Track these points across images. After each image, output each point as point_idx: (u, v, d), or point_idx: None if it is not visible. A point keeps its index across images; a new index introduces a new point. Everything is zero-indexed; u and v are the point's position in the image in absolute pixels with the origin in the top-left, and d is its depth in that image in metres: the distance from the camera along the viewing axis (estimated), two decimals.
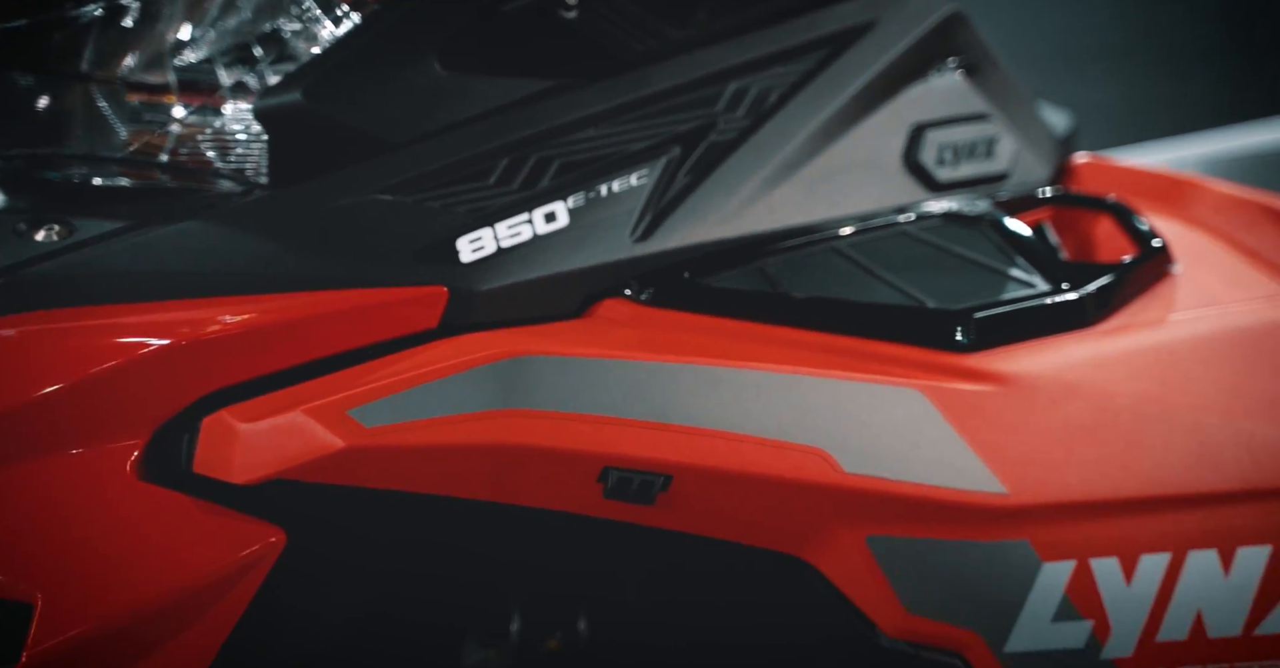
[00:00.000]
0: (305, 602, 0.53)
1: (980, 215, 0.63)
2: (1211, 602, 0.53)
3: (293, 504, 0.49)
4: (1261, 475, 0.55)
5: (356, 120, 0.54)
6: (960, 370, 0.55)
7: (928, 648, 0.53)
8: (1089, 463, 0.55)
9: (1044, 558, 0.53)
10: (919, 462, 0.53)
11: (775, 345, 0.55)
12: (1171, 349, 0.58)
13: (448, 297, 0.53)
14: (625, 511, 0.52)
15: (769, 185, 0.59)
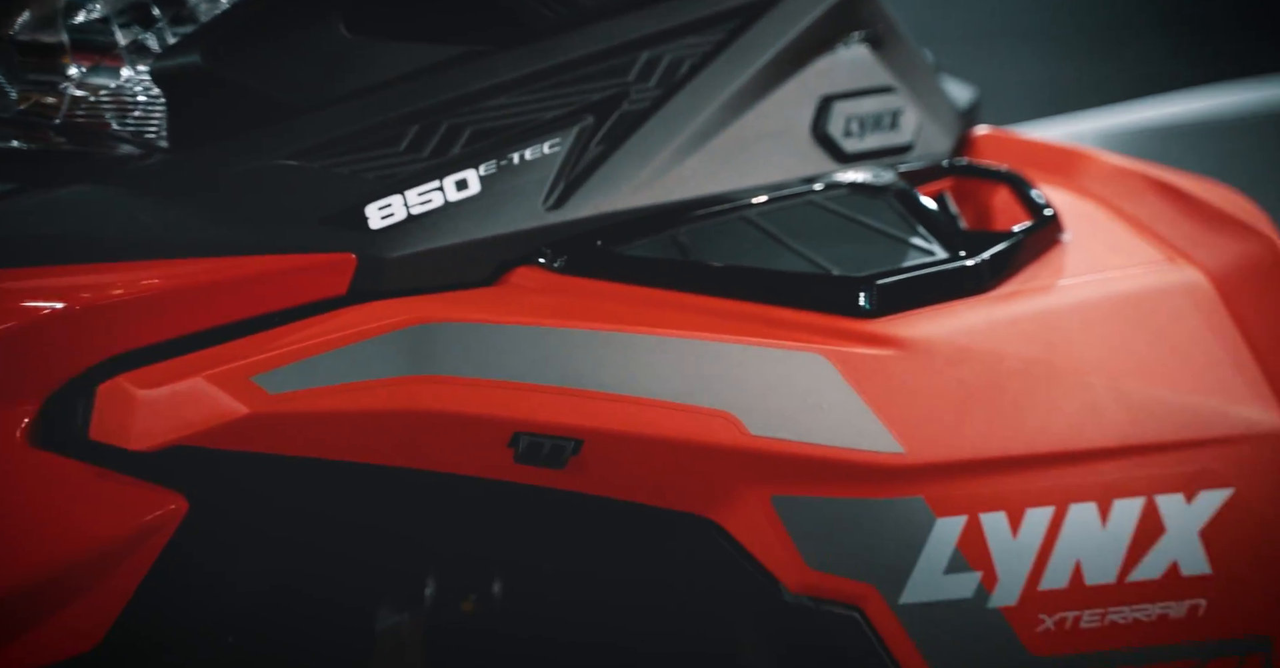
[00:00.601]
0: (212, 569, 0.49)
1: (885, 186, 0.60)
2: (1090, 552, 0.52)
3: (195, 471, 0.46)
4: (1138, 432, 0.53)
5: (258, 84, 0.50)
6: (863, 335, 0.53)
7: (828, 602, 0.51)
8: (980, 423, 0.53)
9: (937, 514, 0.51)
10: (822, 424, 0.51)
11: (685, 312, 0.53)
12: (1059, 314, 0.56)
13: (356, 264, 0.50)
14: (537, 475, 0.49)
15: (681, 155, 0.56)
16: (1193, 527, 0.53)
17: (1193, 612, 0.52)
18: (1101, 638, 0.52)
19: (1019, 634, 0.51)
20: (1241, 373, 0.56)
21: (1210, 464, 0.53)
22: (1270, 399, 0.55)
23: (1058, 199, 0.64)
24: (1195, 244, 0.60)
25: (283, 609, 0.53)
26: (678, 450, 0.50)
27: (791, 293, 0.54)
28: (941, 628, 0.51)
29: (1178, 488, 0.53)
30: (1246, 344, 0.56)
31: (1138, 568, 0.52)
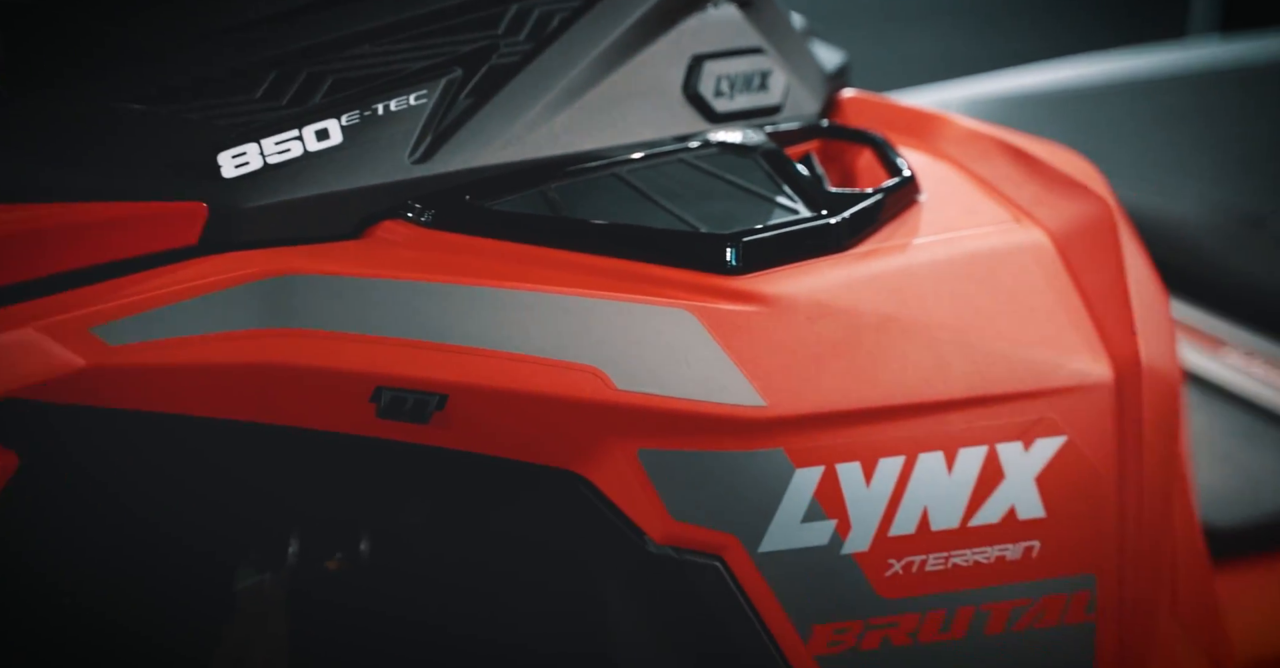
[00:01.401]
0: (50, 528, 0.44)
1: (753, 146, 0.56)
2: (936, 498, 0.49)
3: (27, 427, 0.40)
4: (982, 384, 0.50)
5: (102, 21, 0.42)
6: (728, 292, 0.49)
7: (691, 552, 0.47)
8: (838, 377, 0.49)
9: (796, 465, 0.48)
10: (687, 378, 0.47)
11: (554, 268, 0.47)
12: (913, 272, 0.53)
13: (208, 213, 0.43)
14: (400, 430, 0.44)
15: (552, 111, 0.50)
16: (1029, 473, 0.51)
17: (1027, 553, 0.50)
18: (945, 580, 0.49)
19: (869, 579, 0.49)
20: (1077, 328, 0.53)
21: (1047, 413, 0.51)
22: (1101, 352, 0.53)
23: (916, 161, 0.61)
24: (1039, 204, 0.57)
25: (133, 571, 0.48)
26: (544, 405, 0.45)
27: (659, 249, 0.49)
28: (797, 575, 0.48)
29: (1017, 436, 0.51)
30: (1082, 300, 0.54)
31: (979, 513, 0.50)
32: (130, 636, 0.48)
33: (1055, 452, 0.51)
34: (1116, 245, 0.55)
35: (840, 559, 0.48)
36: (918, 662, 0.49)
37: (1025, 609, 0.50)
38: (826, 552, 0.48)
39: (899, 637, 0.49)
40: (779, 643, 0.48)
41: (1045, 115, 0.92)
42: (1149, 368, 0.52)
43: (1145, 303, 0.54)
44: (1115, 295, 0.54)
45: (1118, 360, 0.52)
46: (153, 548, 0.48)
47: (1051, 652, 0.50)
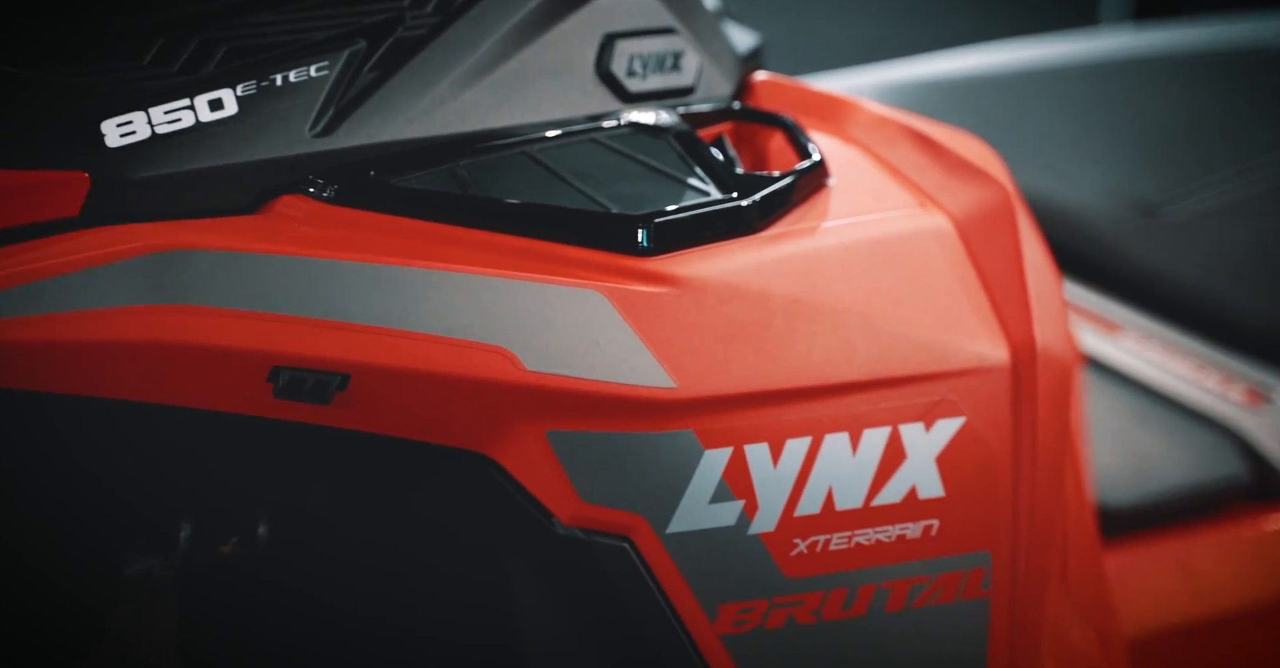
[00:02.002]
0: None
1: (666, 127, 0.56)
2: (840, 478, 0.50)
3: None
4: (886, 366, 0.51)
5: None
6: (639, 273, 0.49)
7: (599, 533, 0.47)
8: (748, 359, 0.50)
9: (705, 446, 0.48)
10: (597, 360, 0.47)
11: (462, 247, 0.47)
12: (821, 255, 0.54)
13: (90, 183, 0.41)
14: (300, 411, 0.43)
15: (460, 87, 0.49)
16: (930, 453, 0.52)
17: (927, 532, 0.52)
18: (848, 559, 0.50)
19: (775, 558, 0.50)
20: (976, 311, 0.55)
21: (948, 395, 0.52)
22: (999, 335, 0.54)
23: (825, 145, 0.61)
24: (942, 190, 0.59)
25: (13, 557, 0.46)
26: (451, 386, 0.45)
27: (570, 230, 0.49)
28: (704, 555, 0.48)
29: (918, 417, 0.52)
30: (982, 285, 0.56)
31: (882, 493, 0.51)
32: (9, 623, 0.46)
33: (954, 433, 0.52)
34: (1015, 231, 0.57)
35: (747, 539, 0.49)
36: (820, 639, 0.50)
37: (924, 587, 0.52)
38: (733, 532, 0.49)
39: (803, 615, 0.50)
40: (685, 623, 0.49)
41: (953, 102, 0.94)
42: (1043, 351, 0.54)
43: (1041, 288, 0.56)
44: (1013, 280, 0.55)
45: (1014, 344, 0.54)
46: (35, 533, 0.46)
47: (948, 627, 0.52)
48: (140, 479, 0.47)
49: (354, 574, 0.51)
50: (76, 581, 0.48)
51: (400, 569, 0.51)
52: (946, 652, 0.52)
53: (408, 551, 0.51)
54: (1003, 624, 0.52)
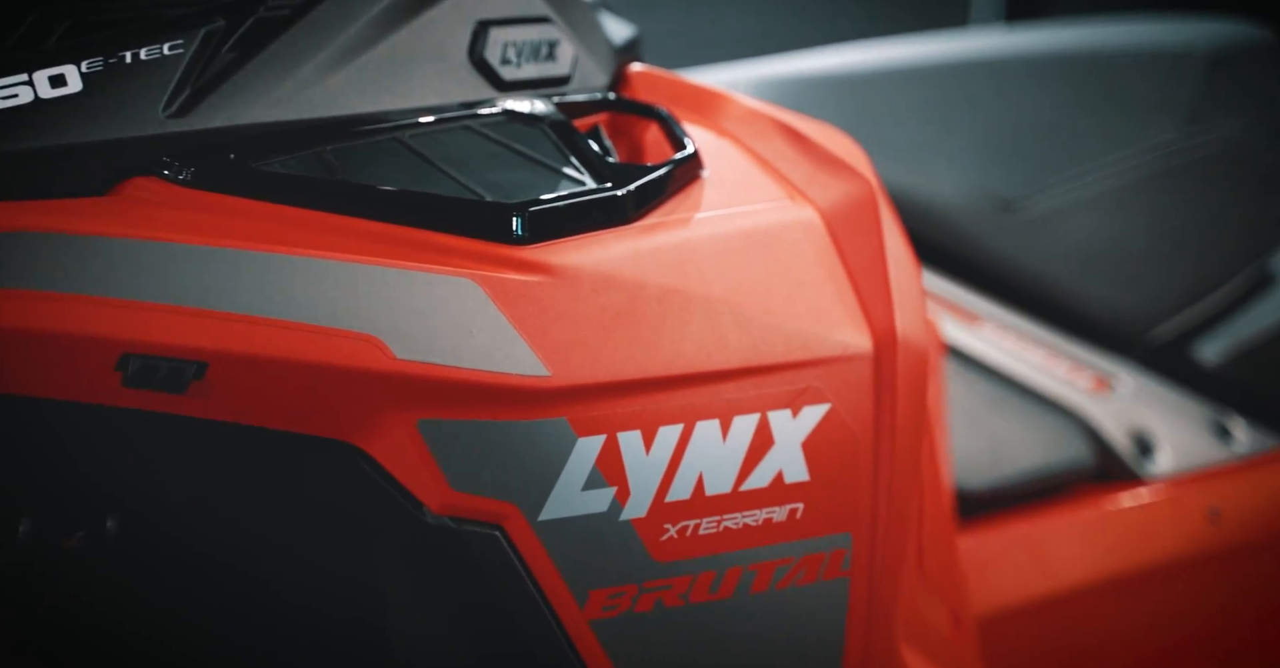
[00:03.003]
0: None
1: (541, 115, 0.56)
2: (711, 464, 0.51)
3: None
4: (756, 355, 0.52)
5: None
6: (513, 261, 0.49)
7: (470, 522, 0.47)
8: (621, 347, 0.50)
9: (579, 434, 0.48)
10: (470, 348, 0.46)
11: (330, 233, 0.46)
12: (695, 245, 0.55)
13: None
14: (152, 400, 0.42)
15: (327, 70, 0.48)
16: (797, 439, 0.53)
17: (792, 515, 0.53)
18: (717, 542, 0.52)
19: (646, 543, 0.51)
20: (842, 302, 0.57)
21: (814, 383, 0.54)
22: (863, 325, 0.57)
23: (699, 137, 0.62)
24: (810, 183, 0.60)
25: None
26: (317, 374, 0.44)
27: (443, 217, 0.49)
28: (576, 542, 0.49)
29: (786, 404, 0.54)
30: (847, 275, 0.58)
31: (750, 478, 0.53)
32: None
33: (820, 419, 0.54)
34: (878, 224, 0.59)
35: (618, 525, 0.50)
36: (688, 622, 0.52)
37: (788, 568, 0.53)
38: (605, 519, 0.50)
39: (671, 599, 0.51)
40: (555, 609, 0.49)
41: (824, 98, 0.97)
42: (903, 340, 0.56)
43: (901, 278, 0.58)
44: (876, 272, 0.57)
45: (876, 333, 0.56)
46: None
47: (810, 607, 0.54)
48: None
49: (216, 569, 0.50)
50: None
51: (266, 563, 0.50)
52: (808, 630, 0.54)
53: (273, 543, 0.50)
54: (861, 603, 0.55)
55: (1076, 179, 0.99)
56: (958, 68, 1.03)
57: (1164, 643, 0.90)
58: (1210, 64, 1.03)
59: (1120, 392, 0.97)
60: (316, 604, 0.50)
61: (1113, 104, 1.01)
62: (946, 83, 1.02)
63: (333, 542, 0.49)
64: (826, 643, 0.54)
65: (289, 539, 0.49)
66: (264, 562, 0.50)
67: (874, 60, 1.04)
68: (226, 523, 0.49)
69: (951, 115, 1.00)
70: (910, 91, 1.01)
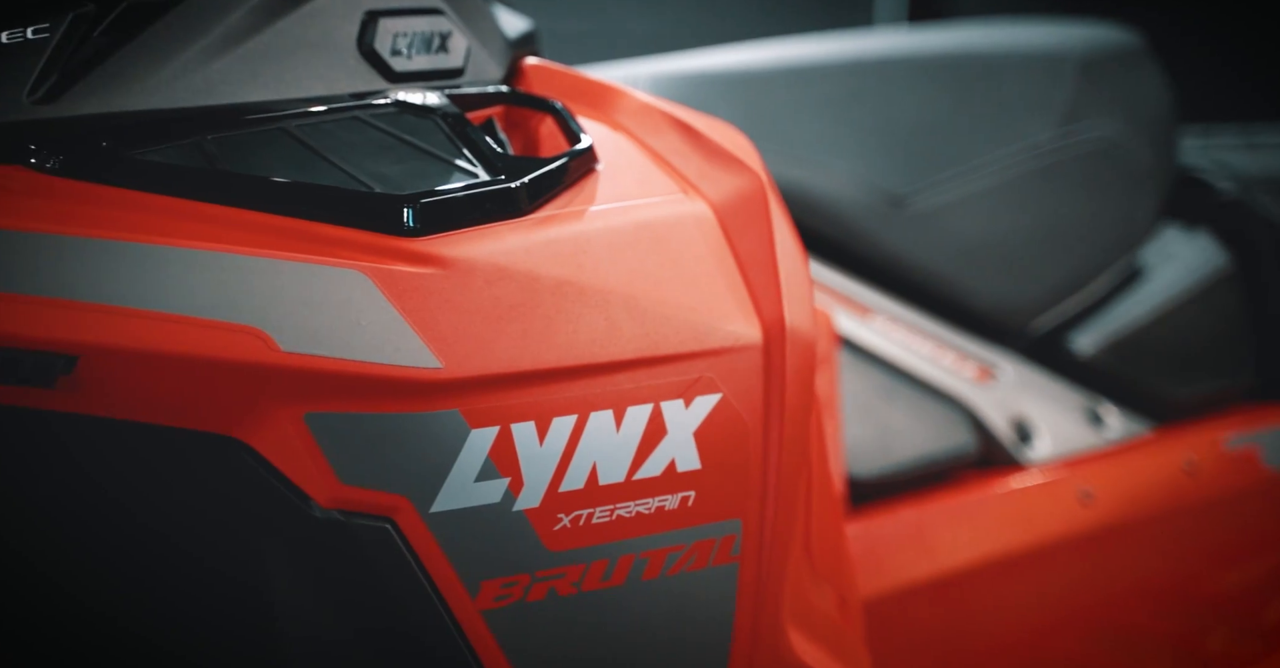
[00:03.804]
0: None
1: (433, 107, 0.56)
2: (604, 455, 0.51)
3: None
4: (650, 345, 0.53)
5: None
6: (405, 253, 0.48)
7: (359, 515, 0.46)
8: (515, 339, 0.50)
9: (472, 426, 0.48)
10: (359, 340, 0.46)
11: (210, 224, 0.45)
12: (589, 238, 0.55)
13: None
14: (16, 395, 0.41)
15: (208, 57, 0.47)
16: (689, 429, 0.54)
17: (684, 502, 0.54)
18: (610, 531, 0.52)
19: (539, 533, 0.51)
20: (733, 294, 0.58)
21: (706, 373, 0.55)
22: (753, 316, 0.58)
23: (594, 131, 0.63)
24: (703, 178, 0.61)
25: None
26: (198, 368, 0.43)
27: (331, 208, 0.48)
28: (469, 533, 0.49)
29: (679, 395, 0.54)
30: (738, 268, 0.59)
31: (643, 467, 0.53)
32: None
33: (711, 408, 0.55)
34: (768, 218, 0.60)
35: (511, 516, 0.50)
36: (580, 609, 0.52)
37: (680, 554, 0.54)
38: (498, 509, 0.50)
39: (564, 587, 0.52)
40: (447, 601, 0.49)
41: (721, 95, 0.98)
42: (792, 331, 0.58)
43: (791, 271, 0.60)
44: (766, 264, 0.59)
45: (766, 324, 0.57)
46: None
47: (701, 592, 0.55)
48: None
49: (96, 567, 0.48)
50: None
51: (149, 561, 0.49)
52: (698, 614, 0.55)
53: (157, 540, 0.49)
54: (749, 587, 0.56)
55: (961, 176, 1.02)
56: (850, 67, 1.06)
57: (1041, 619, 0.94)
58: (1082, 67, 1.07)
59: (1002, 381, 1.01)
60: (204, 602, 0.49)
61: (994, 104, 1.05)
62: (839, 82, 1.04)
63: (219, 538, 0.48)
64: (715, 626, 0.55)
65: (173, 536, 0.48)
66: (147, 560, 0.49)
67: (770, 58, 1.05)
68: (106, 520, 0.48)
69: (844, 113, 1.02)
70: (805, 89, 1.03)
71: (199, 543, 0.48)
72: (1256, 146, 1.28)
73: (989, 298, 1.03)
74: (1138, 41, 1.14)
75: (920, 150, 1.03)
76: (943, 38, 1.15)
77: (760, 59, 1.04)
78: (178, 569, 0.49)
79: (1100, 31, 1.14)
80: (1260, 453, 1.06)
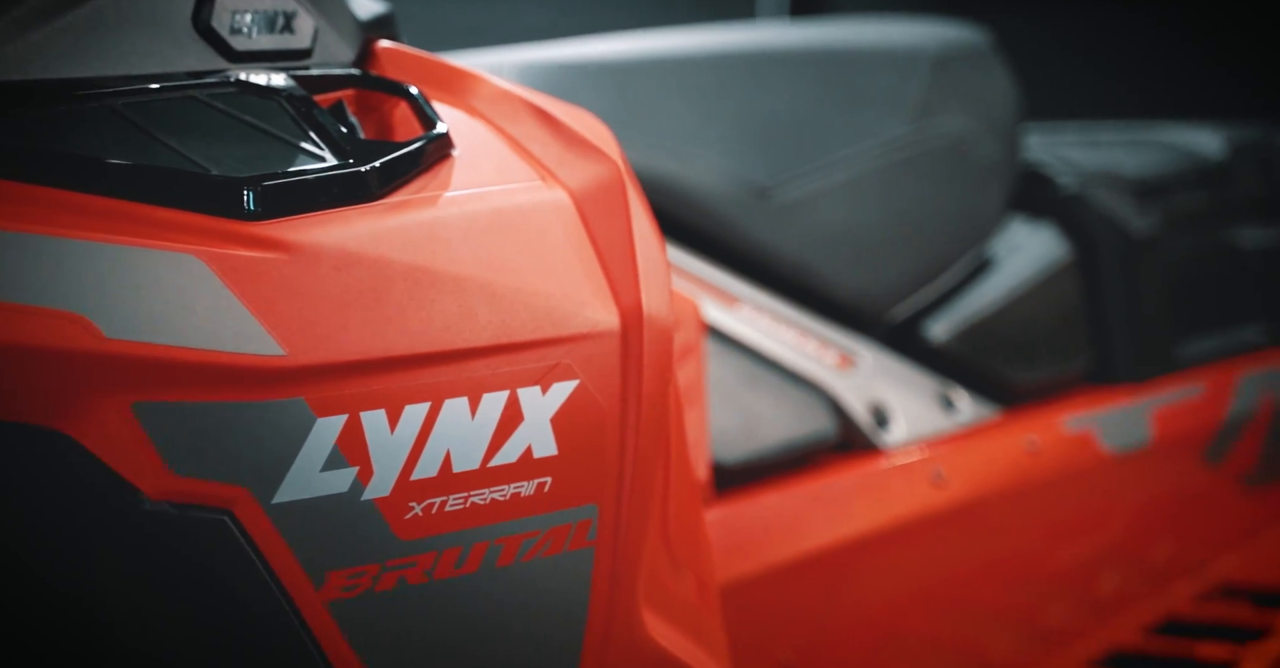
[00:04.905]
0: None
1: (277, 88, 0.54)
2: (458, 442, 0.51)
3: None
4: (506, 332, 0.52)
5: None
6: (245, 238, 0.47)
7: (193, 507, 0.45)
8: (365, 326, 0.49)
9: (318, 414, 0.47)
10: (194, 327, 0.44)
11: (23, 205, 0.42)
12: (443, 224, 0.54)
13: None
14: None
15: (23, 28, 0.45)
16: (546, 415, 0.54)
17: (540, 488, 0.54)
18: (464, 519, 0.52)
19: (389, 522, 0.50)
20: (591, 281, 0.58)
21: (563, 359, 0.55)
22: (611, 303, 0.58)
23: (450, 116, 0.62)
24: (561, 165, 0.61)
25: None
26: (12, 356, 0.40)
27: (164, 190, 0.46)
28: (313, 523, 0.48)
29: (536, 381, 0.54)
30: (596, 255, 0.59)
31: (499, 454, 0.53)
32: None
33: (569, 395, 0.55)
34: (626, 206, 0.60)
35: (360, 505, 0.49)
36: (432, 598, 0.51)
37: (535, 540, 0.54)
38: (346, 499, 0.49)
39: (415, 576, 0.51)
40: (289, 592, 0.48)
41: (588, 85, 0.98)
42: (649, 317, 0.58)
43: (649, 259, 0.60)
44: (623, 252, 0.59)
45: (624, 311, 0.58)
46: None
47: (556, 577, 0.55)
48: None
49: None
50: None
51: None
52: (553, 599, 0.55)
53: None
54: (605, 571, 0.56)
55: (823, 169, 1.05)
56: (717, 60, 1.07)
57: (897, 597, 0.97)
58: (934, 64, 1.11)
59: (861, 368, 1.04)
60: (30, 601, 0.46)
61: (853, 99, 1.08)
62: (706, 74, 1.05)
63: (46, 537, 0.46)
64: (570, 610, 0.55)
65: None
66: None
67: (638, 50, 1.06)
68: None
69: (711, 105, 1.04)
70: (673, 81, 1.03)
71: (23, 543, 0.46)
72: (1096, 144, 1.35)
73: (849, 288, 1.06)
74: (986, 41, 1.19)
75: (784, 143, 1.05)
76: (808, 33, 1.17)
77: (628, 50, 1.04)
78: (4, 568, 0.46)
79: (951, 31, 1.18)
80: (1096, 434, 1.12)
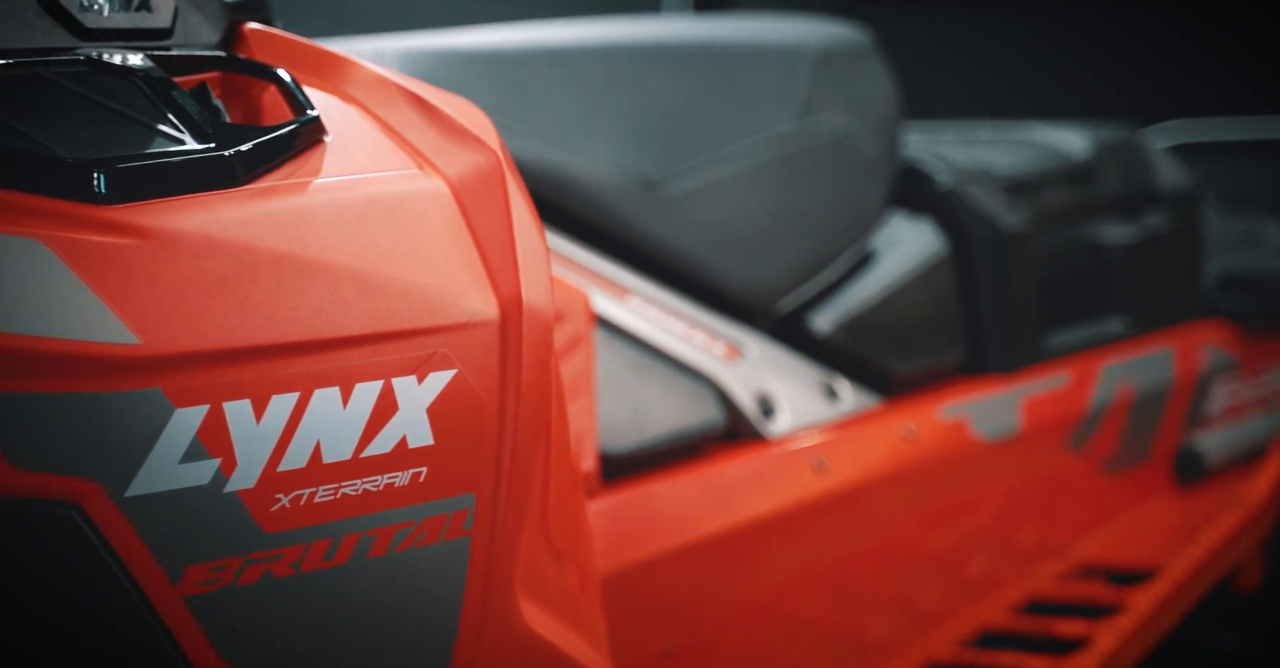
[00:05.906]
0: None
1: (133, 68, 0.52)
2: (329, 432, 0.49)
3: None
4: (380, 321, 0.51)
5: None
6: (95, 222, 0.44)
7: (39, 502, 0.43)
8: (229, 314, 0.47)
9: (177, 404, 0.45)
10: (36, 315, 0.42)
11: None
12: (314, 211, 0.53)
13: None
14: None
15: None
16: (422, 405, 0.53)
17: (415, 478, 0.53)
18: (334, 510, 0.50)
19: (253, 514, 0.48)
20: (469, 270, 0.57)
21: (440, 349, 0.54)
22: (490, 293, 0.57)
23: (322, 101, 0.60)
24: (439, 153, 0.60)
25: None
26: None
27: (5, 172, 0.44)
28: (171, 517, 0.46)
29: (411, 371, 0.53)
30: (475, 245, 0.58)
31: (372, 444, 0.51)
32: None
33: (446, 384, 0.54)
34: (505, 195, 0.60)
35: (222, 498, 0.48)
36: (298, 590, 0.50)
37: (410, 530, 0.53)
38: (207, 491, 0.47)
39: (281, 569, 0.50)
40: (143, 588, 0.46)
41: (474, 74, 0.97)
42: (529, 307, 0.58)
43: (528, 248, 0.60)
44: (503, 241, 0.58)
45: (503, 300, 0.57)
46: None
47: (430, 567, 0.54)
48: None
49: None
50: None
51: None
52: (428, 589, 0.54)
53: None
54: (481, 560, 0.55)
55: (710, 162, 1.06)
56: (605, 52, 1.07)
57: (781, 584, 0.99)
58: (817, 62, 1.13)
59: (748, 358, 1.05)
60: None
61: (740, 94, 1.09)
62: (595, 66, 1.05)
63: None
64: (445, 600, 0.54)
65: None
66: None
67: (525, 40, 1.05)
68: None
69: (600, 97, 1.03)
70: (560, 72, 1.03)
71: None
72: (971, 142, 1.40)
73: (736, 280, 1.07)
74: (868, 41, 1.22)
75: (672, 136, 1.05)
76: (695, 27, 1.18)
77: (515, 40, 1.03)
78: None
79: (835, 29, 1.20)
80: (969, 422, 1.15)
